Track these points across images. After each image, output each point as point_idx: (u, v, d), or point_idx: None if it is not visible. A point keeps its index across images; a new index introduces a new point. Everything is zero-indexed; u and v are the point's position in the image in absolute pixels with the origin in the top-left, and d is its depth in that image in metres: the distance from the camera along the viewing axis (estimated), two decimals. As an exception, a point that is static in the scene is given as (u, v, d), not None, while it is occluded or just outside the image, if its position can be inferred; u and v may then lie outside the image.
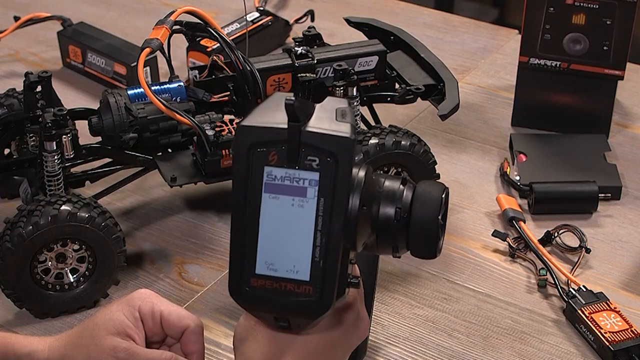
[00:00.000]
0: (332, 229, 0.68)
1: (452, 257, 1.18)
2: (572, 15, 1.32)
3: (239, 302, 0.71)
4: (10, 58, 1.60)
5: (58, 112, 1.12)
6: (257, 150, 0.69)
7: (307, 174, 0.68)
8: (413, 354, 1.05)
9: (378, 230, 0.72)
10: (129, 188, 1.25)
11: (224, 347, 1.05)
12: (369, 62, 1.25)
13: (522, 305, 1.11)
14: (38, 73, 1.17)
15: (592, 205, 1.25)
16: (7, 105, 1.21)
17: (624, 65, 1.34)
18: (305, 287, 0.69)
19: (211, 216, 1.25)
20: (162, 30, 1.12)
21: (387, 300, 1.12)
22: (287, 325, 0.72)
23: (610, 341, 1.03)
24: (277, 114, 0.68)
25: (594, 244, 1.19)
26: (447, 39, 1.67)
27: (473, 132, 1.42)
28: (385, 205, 0.72)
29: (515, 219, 1.21)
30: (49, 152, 1.11)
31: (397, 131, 1.17)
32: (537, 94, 1.40)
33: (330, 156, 0.68)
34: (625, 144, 1.39)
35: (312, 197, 0.68)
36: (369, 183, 0.71)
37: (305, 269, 0.69)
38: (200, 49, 1.43)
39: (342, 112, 0.69)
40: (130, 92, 1.17)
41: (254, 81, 1.17)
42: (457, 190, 1.29)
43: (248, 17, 1.57)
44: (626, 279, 1.15)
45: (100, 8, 1.76)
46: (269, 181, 0.69)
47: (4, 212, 1.21)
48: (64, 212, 1.05)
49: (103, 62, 1.49)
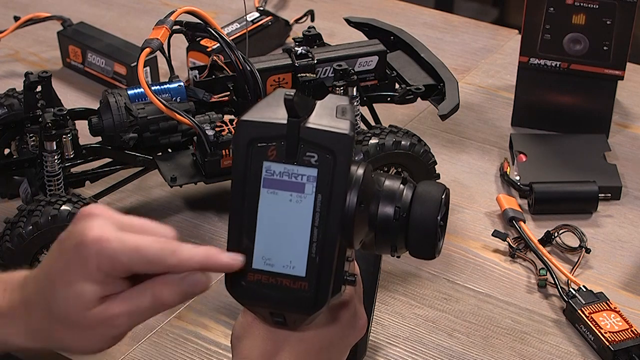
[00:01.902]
0: (329, 226, 0.68)
1: (452, 257, 1.18)
2: (572, 15, 1.32)
3: (235, 297, 0.72)
4: (10, 58, 1.60)
5: (58, 112, 1.12)
6: (256, 145, 0.69)
7: (305, 170, 0.69)
8: (413, 354, 1.05)
9: (376, 228, 0.73)
10: (129, 188, 1.25)
11: (224, 347, 1.05)
12: (369, 62, 1.25)
13: (522, 305, 1.11)
14: (38, 73, 1.17)
15: (592, 205, 1.25)
16: (7, 105, 1.22)
17: (624, 65, 1.34)
18: (301, 283, 0.69)
19: (211, 216, 1.25)
20: (162, 30, 1.12)
21: (387, 300, 1.12)
22: (283, 321, 0.72)
23: (610, 341, 1.03)
24: (278, 110, 0.69)
25: (594, 244, 1.19)
26: (447, 39, 1.67)
27: (473, 132, 1.42)
28: (384, 204, 0.72)
29: (515, 219, 1.21)
30: (49, 152, 1.11)
31: (397, 131, 1.17)
32: (537, 94, 1.40)
33: (329, 153, 0.68)
34: (625, 144, 1.39)
35: (310, 193, 0.69)
36: (367, 181, 0.71)
37: (302, 264, 0.69)
38: (200, 49, 1.43)
39: (342, 109, 0.70)
40: (130, 92, 1.17)
41: (254, 81, 1.17)
42: (457, 190, 1.29)
43: (248, 17, 1.57)
44: (626, 279, 1.15)
45: (100, 8, 1.76)
46: (268, 176, 0.69)
47: (4, 212, 1.21)
48: (64, 212, 1.05)
49: (103, 62, 1.49)
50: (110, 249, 0.69)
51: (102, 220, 0.71)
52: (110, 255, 0.69)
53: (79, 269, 0.70)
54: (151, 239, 0.70)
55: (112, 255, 0.69)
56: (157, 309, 0.72)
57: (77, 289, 0.70)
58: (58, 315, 0.72)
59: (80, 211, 0.73)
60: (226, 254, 0.70)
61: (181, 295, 0.71)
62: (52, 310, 0.72)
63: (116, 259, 0.69)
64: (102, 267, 0.70)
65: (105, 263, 0.69)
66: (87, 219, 0.71)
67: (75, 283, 0.70)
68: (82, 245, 0.70)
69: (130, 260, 0.69)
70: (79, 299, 0.71)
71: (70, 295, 0.71)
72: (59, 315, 0.72)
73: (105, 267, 0.70)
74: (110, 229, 0.70)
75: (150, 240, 0.70)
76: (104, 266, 0.70)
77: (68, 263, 0.71)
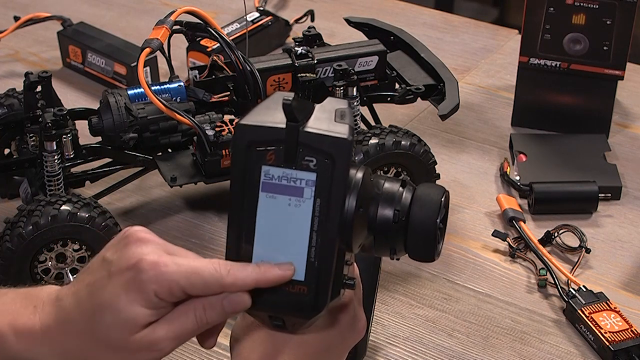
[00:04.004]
0: (327, 230, 0.68)
1: (452, 257, 1.18)
2: (572, 15, 1.32)
3: None
4: (10, 58, 1.60)
5: (58, 112, 1.12)
6: (255, 149, 0.69)
7: (304, 174, 0.68)
8: (413, 354, 1.05)
9: (375, 232, 0.72)
10: (129, 188, 1.25)
11: (224, 347, 1.04)
12: (369, 62, 1.25)
13: (522, 305, 1.11)
14: (38, 73, 1.17)
15: (592, 205, 1.25)
16: (7, 105, 1.22)
17: (624, 65, 1.34)
18: (299, 287, 0.69)
19: (211, 216, 1.25)
20: (162, 30, 1.12)
21: (387, 300, 1.12)
22: (282, 324, 0.72)
23: (610, 341, 1.03)
24: (276, 114, 0.68)
25: (594, 244, 1.19)
26: (447, 39, 1.67)
27: (473, 132, 1.42)
28: (383, 207, 0.72)
29: (515, 219, 1.21)
30: (49, 152, 1.11)
31: (397, 131, 1.17)
32: (537, 94, 1.40)
33: (328, 157, 0.68)
34: (625, 144, 1.39)
35: (309, 197, 0.68)
36: (366, 184, 0.71)
37: (301, 269, 0.69)
38: (200, 49, 1.43)
39: (341, 113, 0.69)
40: (130, 92, 1.17)
41: (254, 81, 1.17)
42: (457, 190, 1.29)
43: (248, 17, 1.57)
44: (626, 279, 1.15)
45: (100, 8, 1.76)
46: (266, 180, 0.69)
47: (4, 212, 1.21)
48: (64, 212, 1.05)
49: (103, 62, 1.49)
50: (169, 274, 0.68)
51: (154, 246, 0.70)
52: (169, 279, 0.68)
53: (135, 294, 0.69)
54: (204, 261, 0.70)
55: (171, 279, 0.68)
56: (200, 329, 0.71)
57: (129, 313, 0.69)
58: (101, 338, 0.71)
59: (129, 235, 0.71)
60: (277, 266, 0.69)
61: (224, 314, 0.71)
62: (95, 332, 0.71)
63: (174, 282, 0.68)
64: (159, 292, 0.69)
65: (163, 288, 0.69)
66: (139, 244, 0.70)
67: (128, 307, 0.69)
68: (139, 270, 0.69)
69: (188, 283, 0.69)
70: (128, 324, 0.69)
71: (121, 320, 0.69)
72: (102, 338, 0.70)
73: (163, 292, 0.69)
74: (164, 254, 0.70)
75: (204, 262, 0.70)
76: (161, 291, 0.69)
77: (121, 287, 0.69)
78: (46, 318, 0.73)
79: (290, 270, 0.69)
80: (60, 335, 0.72)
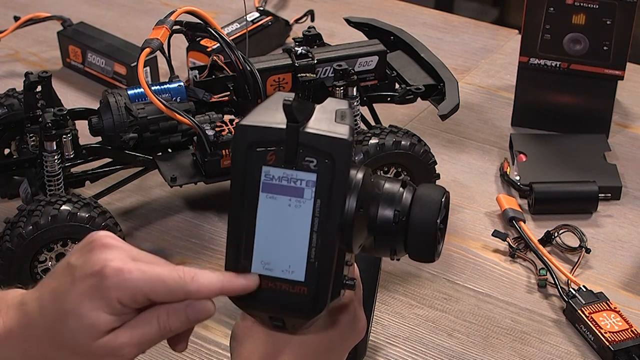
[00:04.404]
0: (328, 231, 0.68)
1: (452, 257, 1.18)
2: (572, 15, 1.32)
3: (234, 301, 0.72)
4: (10, 58, 1.60)
5: (58, 112, 1.12)
6: (255, 149, 0.69)
7: (304, 175, 0.68)
8: (413, 354, 1.05)
9: (376, 232, 0.72)
10: (129, 188, 1.25)
11: (224, 347, 1.05)
12: (369, 62, 1.25)
13: (522, 305, 1.11)
14: (38, 73, 1.17)
15: (592, 205, 1.25)
16: (7, 105, 1.22)
17: (624, 65, 1.34)
18: (300, 288, 0.69)
19: (211, 216, 1.25)
20: (162, 30, 1.12)
21: (387, 300, 1.12)
22: (282, 324, 0.72)
23: (610, 341, 1.03)
24: (277, 114, 0.68)
25: (594, 244, 1.19)
26: (447, 39, 1.67)
27: (473, 132, 1.42)
28: (384, 208, 0.72)
29: (515, 219, 1.21)
30: (49, 152, 1.11)
31: (397, 131, 1.17)
32: (537, 94, 1.40)
33: (328, 157, 0.68)
34: (625, 144, 1.39)
35: (309, 198, 0.68)
36: (366, 185, 0.71)
37: (301, 269, 0.69)
38: (200, 49, 1.43)
39: (341, 113, 0.69)
40: (130, 92, 1.17)
41: (254, 81, 1.17)
42: (457, 190, 1.29)
43: (248, 17, 1.57)
44: (626, 279, 1.15)
45: (100, 8, 1.76)
46: (267, 181, 0.69)
47: (4, 212, 1.21)
48: (64, 212, 1.05)
49: (103, 62, 1.49)
50: (132, 281, 0.68)
51: (119, 252, 0.70)
52: (132, 286, 0.68)
53: (97, 300, 0.69)
54: (168, 268, 0.70)
55: (135, 286, 0.68)
56: (164, 336, 0.71)
57: (91, 319, 0.69)
58: (63, 343, 0.70)
59: (93, 240, 0.71)
60: (242, 276, 0.70)
61: (187, 322, 0.71)
62: (57, 337, 0.71)
63: (138, 289, 0.68)
64: (122, 299, 0.69)
65: (127, 295, 0.69)
66: (104, 249, 0.70)
67: (90, 313, 0.69)
68: (102, 277, 0.68)
69: (152, 290, 0.69)
70: (91, 329, 0.69)
71: (83, 326, 0.69)
72: (64, 343, 0.70)
73: (126, 299, 0.69)
74: (128, 260, 0.70)
75: (169, 269, 0.70)
76: (125, 298, 0.69)
77: (84, 293, 0.69)
78: (9, 322, 0.73)
79: (255, 282, 0.70)
80: (22, 340, 0.72)
